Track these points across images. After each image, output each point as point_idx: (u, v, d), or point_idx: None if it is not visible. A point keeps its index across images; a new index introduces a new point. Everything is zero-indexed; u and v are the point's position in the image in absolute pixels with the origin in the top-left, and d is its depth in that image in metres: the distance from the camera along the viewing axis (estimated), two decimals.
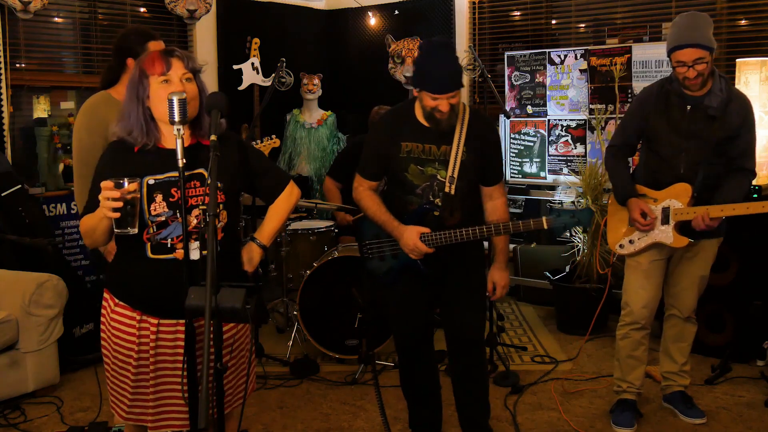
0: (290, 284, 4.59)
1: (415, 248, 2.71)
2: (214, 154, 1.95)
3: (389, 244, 2.85)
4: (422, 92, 2.64)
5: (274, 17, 5.95)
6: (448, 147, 2.72)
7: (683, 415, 3.35)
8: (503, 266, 2.89)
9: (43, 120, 4.86)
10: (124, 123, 2.11)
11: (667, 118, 3.09)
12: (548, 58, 5.17)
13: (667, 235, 3.09)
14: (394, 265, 2.86)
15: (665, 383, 3.46)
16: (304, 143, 5.75)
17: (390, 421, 3.38)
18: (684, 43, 2.94)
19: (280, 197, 2.34)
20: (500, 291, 2.89)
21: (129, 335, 2.15)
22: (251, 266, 2.27)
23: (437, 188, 2.74)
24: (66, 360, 3.91)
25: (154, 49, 2.22)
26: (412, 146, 2.74)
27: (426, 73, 2.61)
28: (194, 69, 2.13)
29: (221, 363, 1.90)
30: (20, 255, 4.02)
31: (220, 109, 2.07)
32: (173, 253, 2.09)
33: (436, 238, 2.71)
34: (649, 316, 3.25)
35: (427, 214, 2.75)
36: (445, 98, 2.59)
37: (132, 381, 2.16)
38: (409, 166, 2.74)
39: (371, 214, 2.83)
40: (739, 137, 3.05)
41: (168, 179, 2.10)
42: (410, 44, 5.74)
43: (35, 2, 4.46)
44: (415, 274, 2.82)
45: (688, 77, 2.96)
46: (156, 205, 2.09)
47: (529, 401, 3.60)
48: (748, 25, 4.76)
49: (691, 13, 3.08)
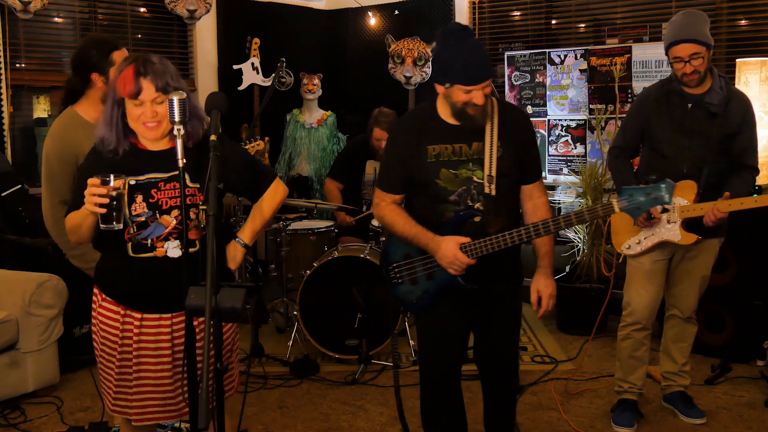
0: (290, 284, 4.59)
1: (455, 260, 2.33)
2: (214, 154, 1.97)
3: (422, 264, 2.48)
4: (452, 87, 2.31)
5: (274, 17, 5.95)
6: (481, 143, 2.38)
7: (683, 416, 3.35)
8: (549, 272, 2.49)
9: (43, 120, 4.86)
10: (100, 132, 2.17)
11: (669, 117, 3.10)
12: (548, 58, 5.17)
13: (674, 233, 3.08)
14: (429, 287, 2.47)
15: (665, 383, 3.46)
16: (304, 143, 5.75)
17: (390, 422, 3.39)
18: (680, 39, 2.97)
19: (264, 195, 2.34)
20: (546, 302, 2.47)
21: (113, 329, 2.23)
22: (234, 264, 2.32)
23: (475, 191, 2.38)
24: (66, 360, 3.92)
25: (122, 62, 2.17)
26: (440, 149, 2.39)
27: (454, 64, 2.29)
28: (168, 88, 2.10)
29: (221, 363, 1.90)
30: (20, 255, 4.02)
31: (220, 109, 2.08)
32: (153, 252, 2.16)
33: (479, 246, 2.34)
34: (650, 317, 3.25)
35: (466, 221, 2.38)
36: (480, 88, 2.29)
37: (116, 373, 2.24)
38: (439, 171, 2.38)
39: (399, 230, 2.45)
40: (740, 134, 3.06)
41: (149, 180, 2.16)
42: (410, 44, 5.74)
43: (35, 2, 4.46)
44: (454, 295, 2.45)
45: (685, 72, 2.99)
46: (136, 206, 2.15)
47: (529, 401, 3.60)
48: (748, 25, 4.76)
49: (688, 11, 3.11)
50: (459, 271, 2.37)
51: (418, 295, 2.51)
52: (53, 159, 2.80)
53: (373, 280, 4.04)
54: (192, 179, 2.17)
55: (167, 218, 2.16)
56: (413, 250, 2.49)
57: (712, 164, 3.05)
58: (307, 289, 4.08)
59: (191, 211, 2.16)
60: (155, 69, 2.10)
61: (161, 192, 2.16)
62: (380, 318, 4.01)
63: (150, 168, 2.17)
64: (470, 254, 2.35)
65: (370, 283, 4.04)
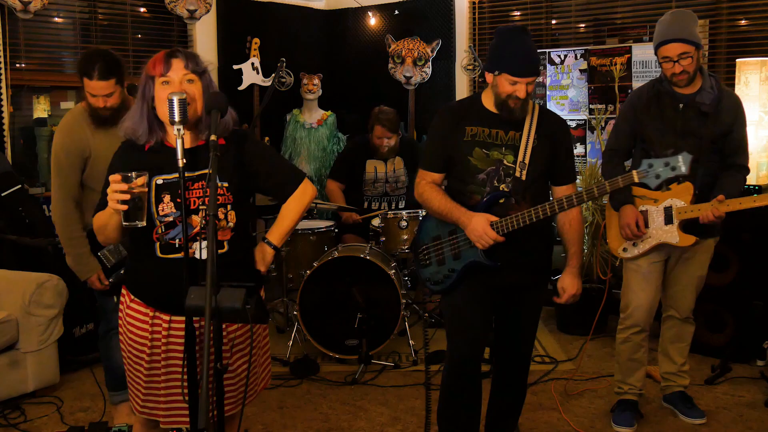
0: (290, 284, 4.59)
1: (484, 234, 2.47)
2: (214, 154, 1.96)
3: (449, 244, 2.63)
4: (500, 76, 2.49)
5: (274, 17, 5.95)
6: (517, 133, 2.56)
7: (683, 416, 3.35)
8: (576, 272, 2.66)
9: (43, 120, 4.86)
10: (129, 123, 2.15)
11: (661, 118, 3.09)
12: (548, 58, 5.17)
13: (672, 234, 3.07)
14: (455, 266, 2.62)
15: (665, 384, 3.46)
16: (304, 143, 5.75)
17: (390, 422, 3.39)
18: (669, 38, 2.97)
19: (292, 197, 2.29)
20: (567, 298, 2.67)
21: (142, 330, 2.18)
22: (264, 266, 2.28)
23: (503, 173, 2.55)
24: (66, 360, 3.92)
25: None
26: (478, 130, 2.58)
27: (507, 55, 2.48)
28: (197, 70, 2.12)
29: (221, 363, 1.90)
30: (20, 255, 4.02)
31: (219, 109, 2.07)
32: (181, 252, 2.11)
33: (506, 223, 2.49)
34: (648, 319, 3.25)
35: (495, 202, 2.54)
36: (525, 83, 2.47)
37: (145, 376, 2.19)
38: (473, 149, 2.56)
39: (435, 205, 2.60)
40: (732, 133, 3.07)
41: (176, 180, 2.10)
42: (410, 44, 5.75)
43: (35, 2, 4.46)
44: (479, 276, 2.59)
45: (675, 72, 2.99)
46: (164, 206, 2.11)
47: (529, 401, 3.58)
48: (748, 25, 4.76)
49: (676, 11, 3.11)
50: (485, 245, 2.50)
51: (445, 274, 2.65)
52: (61, 152, 2.97)
53: (373, 280, 4.04)
54: (221, 178, 2.12)
55: (195, 218, 2.11)
56: (444, 232, 2.65)
57: (705, 164, 3.04)
58: (307, 289, 4.08)
59: (219, 211, 2.12)
60: (186, 52, 2.15)
61: (189, 191, 2.11)
62: (380, 318, 4.02)
63: (178, 167, 2.08)
64: (499, 231, 2.49)
65: (370, 283, 4.04)
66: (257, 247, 2.30)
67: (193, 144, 2.16)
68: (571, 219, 2.65)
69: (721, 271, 3.94)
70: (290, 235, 4.45)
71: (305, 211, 2.35)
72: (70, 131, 2.98)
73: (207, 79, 2.16)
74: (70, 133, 2.97)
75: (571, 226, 2.65)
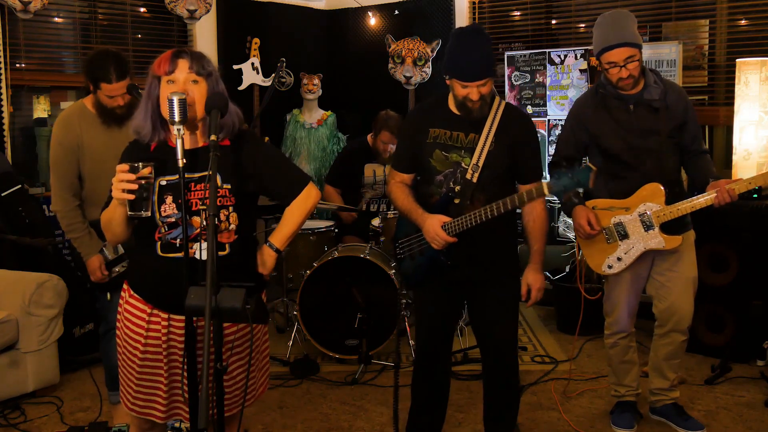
0: (290, 284, 4.59)
1: (436, 236, 2.60)
2: (214, 154, 1.96)
3: (417, 241, 2.75)
4: (453, 80, 2.58)
5: (274, 17, 5.95)
6: (477, 135, 2.62)
7: (680, 428, 3.21)
8: (538, 267, 2.75)
9: (43, 120, 4.86)
10: (136, 121, 2.17)
11: (615, 122, 3.03)
12: (548, 58, 5.17)
13: (657, 240, 2.99)
14: (421, 262, 2.75)
15: (654, 398, 3.32)
16: (304, 143, 5.75)
17: (390, 422, 3.38)
18: (613, 44, 2.91)
19: (296, 200, 2.27)
20: (535, 294, 2.75)
21: (138, 327, 2.19)
22: (265, 269, 2.30)
23: (459, 176, 2.64)
24: (66, 360, 3.92)
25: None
26: (440, 132, 2.66)
27: (456, 60, 2.56)
28: (201, 72, 2.11)
29: (221, 363, 1.90)
30: (20, 255, 4.02)
31: (219, 109, 2.07)
32: (182, 252, 2.11)
33: (456, 224, 2.60)
34: (633, 321, 3.22)
35: (450, 203, 2.65)
36: (475, 86, 2.53)
37: (137, 372, 2.20)
38: (434, 151, 2.66)
39: (400, 205, 2.75)
40: (687, 124, 3.04)
41: (178, 181, 2.09)
42: (410, 44, 5.74)
43: (35, 2, 4.46)
44: (440, 270, 2.71)
45: (622, 77, 2.94)
46: (166, 207, 2.11)
47: (529, 401, 3.60)
48: (748, 25, 4.76)
49: (613, 12, 3.05)
50: (440, 246, 2.63)
51: (413, 270, 2.79)
52: (57, 144, 3.08)
53: (373, 280, 4.04)
54: (223, 179, 2.12)
55: (197, 219, 2.11)
56: (411, 228, 2.76)
57: (668, 160, 3.01)
58: (307, 289, 4.08)
59: (221, 213, 2.12)
60: (193, 53, 2.15)
61: (191, 193, 2.11)
62: (380, 318, 4.02)
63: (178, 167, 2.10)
64: (450, 232, 2.61)
65: (370, 283, 4.04)
66: (260, 250, 2.30)
67: (195, 145, 2.16)
68: (535, 216, 2.71)
69: (721, 271, 3.94)
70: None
71: (308, 215, 2.32)
72: (66, 124, 3.09)
73: (213, 82, 2.14)
74: (67, 125, 3.08)
75: (535, 222, 2.71)
